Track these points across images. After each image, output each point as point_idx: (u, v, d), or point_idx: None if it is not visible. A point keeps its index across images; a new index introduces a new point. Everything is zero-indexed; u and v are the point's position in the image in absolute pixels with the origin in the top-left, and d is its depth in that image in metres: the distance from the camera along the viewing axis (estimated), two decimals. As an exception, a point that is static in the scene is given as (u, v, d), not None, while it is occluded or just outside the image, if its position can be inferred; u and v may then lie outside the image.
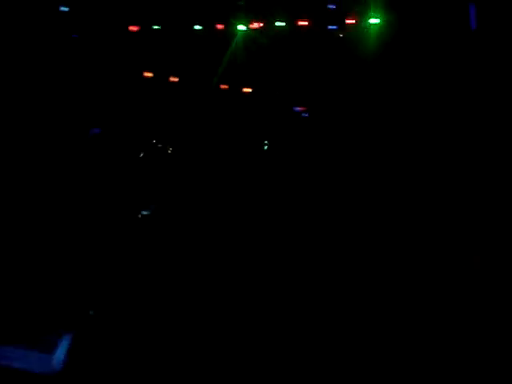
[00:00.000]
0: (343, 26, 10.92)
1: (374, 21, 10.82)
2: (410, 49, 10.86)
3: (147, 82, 10.92)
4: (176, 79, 11.10)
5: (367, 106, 10.88)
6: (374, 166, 10.13)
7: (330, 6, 10.94)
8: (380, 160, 10.28)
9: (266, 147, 10.97)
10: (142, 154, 10.04)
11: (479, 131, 9.88)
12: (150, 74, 10.88)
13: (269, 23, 11.00)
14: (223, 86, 11.39)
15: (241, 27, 11.09)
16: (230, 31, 11.07)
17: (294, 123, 11.22)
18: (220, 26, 11.07)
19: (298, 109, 11.36)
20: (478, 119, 9.80)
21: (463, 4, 10.48)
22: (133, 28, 10.67)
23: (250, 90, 11.25)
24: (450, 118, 10.22)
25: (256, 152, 11.02)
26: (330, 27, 11.03)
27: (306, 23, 10.92)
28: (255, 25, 11.11)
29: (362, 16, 10.82)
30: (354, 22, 10.83)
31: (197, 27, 11.01)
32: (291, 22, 10.99)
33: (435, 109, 10.41)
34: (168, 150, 10.27)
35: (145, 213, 8.87)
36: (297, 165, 10.59)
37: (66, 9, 10.47)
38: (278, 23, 11.00)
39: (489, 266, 6.45)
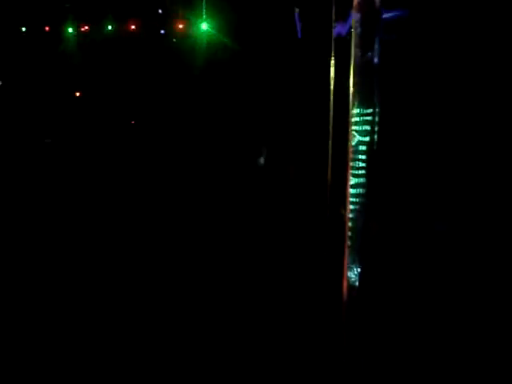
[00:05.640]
0: (173, 31, 10.77)
1: (204, 27, 10.69)
2: (243, 55, 10.80)
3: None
4: None
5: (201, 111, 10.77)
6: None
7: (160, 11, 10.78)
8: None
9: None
10: None
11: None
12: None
13: (97, 26, 10.78)
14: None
15: (70, 30, 10.85)
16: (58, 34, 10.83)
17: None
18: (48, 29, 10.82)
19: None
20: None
21: (291, 15, 10.43)
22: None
23: (79, 93, 11.05)
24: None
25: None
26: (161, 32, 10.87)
27: (135, 27, 10.74)
28: (85, 28, 10.88)
29: (191, 21, 10.68)
30: (182, 26, 10.69)
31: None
32: (120, 26, 10.80)
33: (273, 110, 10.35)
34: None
35: None
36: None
37: None
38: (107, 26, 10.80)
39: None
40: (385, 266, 3.30)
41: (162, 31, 10.84)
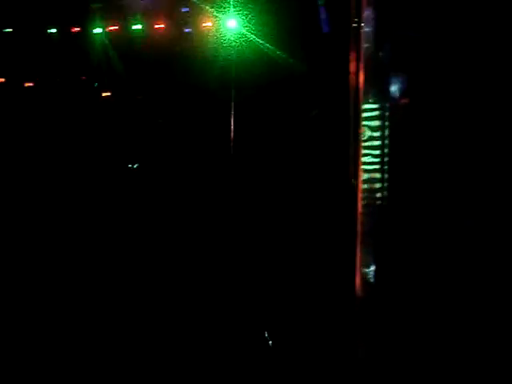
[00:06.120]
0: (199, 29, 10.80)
1: (232, 24, 10.69)
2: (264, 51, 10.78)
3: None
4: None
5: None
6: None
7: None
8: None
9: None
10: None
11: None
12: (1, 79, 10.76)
13: (124, 26, 10.88)
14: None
15: (97, 30, 10.96)
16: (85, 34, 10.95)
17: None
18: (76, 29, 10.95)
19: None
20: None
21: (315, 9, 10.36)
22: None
23: (109, 93, 11.15)
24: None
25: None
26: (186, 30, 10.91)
27: (160, 25, 10.80)
28: (113, 27, 10.98)
29: (218, 19, 10.69)
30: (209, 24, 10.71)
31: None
32: (148, 25, 10.87)
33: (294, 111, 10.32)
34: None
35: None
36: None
37: None
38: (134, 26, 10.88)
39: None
40: (400, 262, 3.27)
41: (187, 30, 10.88)
